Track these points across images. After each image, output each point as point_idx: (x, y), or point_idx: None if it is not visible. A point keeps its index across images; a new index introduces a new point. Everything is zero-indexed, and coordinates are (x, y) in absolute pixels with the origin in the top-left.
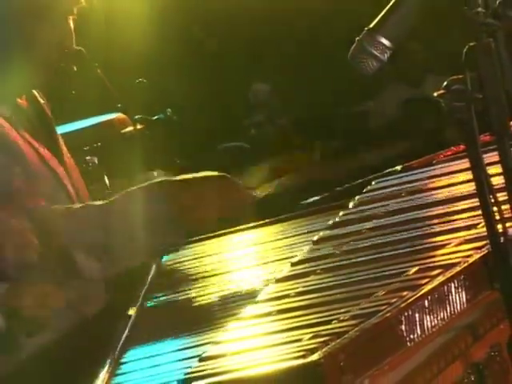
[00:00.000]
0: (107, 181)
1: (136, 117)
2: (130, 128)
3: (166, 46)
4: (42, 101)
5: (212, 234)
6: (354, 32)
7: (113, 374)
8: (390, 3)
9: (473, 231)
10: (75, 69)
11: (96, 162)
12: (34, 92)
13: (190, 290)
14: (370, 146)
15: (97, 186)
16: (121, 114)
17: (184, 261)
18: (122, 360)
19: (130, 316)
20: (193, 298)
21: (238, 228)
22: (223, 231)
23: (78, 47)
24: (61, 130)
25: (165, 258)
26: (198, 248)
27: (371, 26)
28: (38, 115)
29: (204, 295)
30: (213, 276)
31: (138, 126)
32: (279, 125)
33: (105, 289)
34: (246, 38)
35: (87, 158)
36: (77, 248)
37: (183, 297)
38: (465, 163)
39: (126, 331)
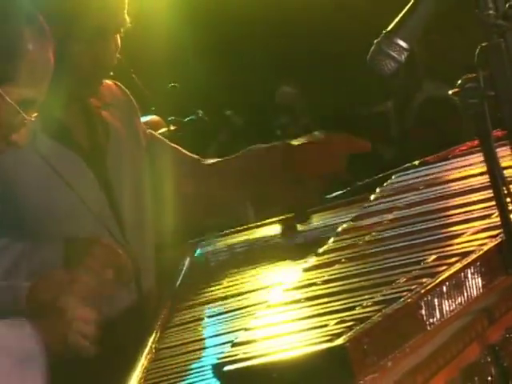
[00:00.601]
0: None
1: (169, 118)
2: (164, 129)
3: (197, 49)
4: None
5: (242, 228)
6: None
7: (152, 360)
8: (406, 8)
9: (487, 221)
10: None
11: None
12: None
13: (222, 279)
14: (390, 143)
15: None
16: (155, 116)
17: (216, 253)
18: (161, 346)
19: (167, 304)
20: (225, 287)
21: (266, 221)
22: (252, 224)
23: None
24: None
25: (198, 251)
26: (229, 240)
27: (388, 28)
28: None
29: (235, 284)
30: (243, 266)
31: (172, 127)
32: (304, 126)
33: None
34: (274, 41)
35: None
36: None
37: (216, 286)
38: (479, 157)
39: (163, 319)
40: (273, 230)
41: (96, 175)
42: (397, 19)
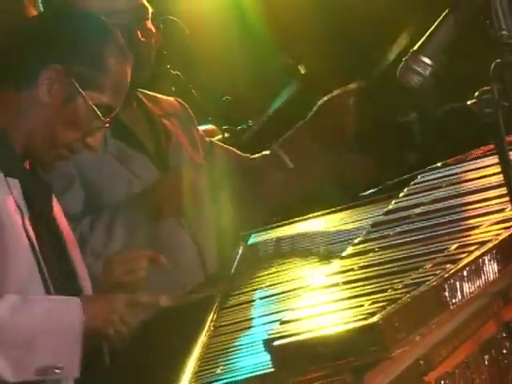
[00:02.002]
0: None
1: (223, 127)
2: (219, 136)
3: (247, 64)
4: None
5: (287, 222)
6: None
7: (211, 336)
8: (430, 30)
9: (502, 214)
10: (173, 89)
11: None
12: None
13: (270, 267)
14: (414, 149)
15: None
16: (211, 125)
17: (265, 243)
18: (218, 324)
19: (223, 287)
20: (273, 273)
21: (308, 216)
22: (296, 219)
23: (175, 72)
24: None
25: (250, 241)
26: (276, 232)
27: (415, 48)
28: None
29: (282, 271)
30: (289, 255)
31: (226, 135)
32: None
33: None
34: (318, 57)
35: None
36: None
37: (265, 273)
38: (494, 159)
39: (220, 301)
40: (314, 223)
41: (160, 171)
42: (422, 39)
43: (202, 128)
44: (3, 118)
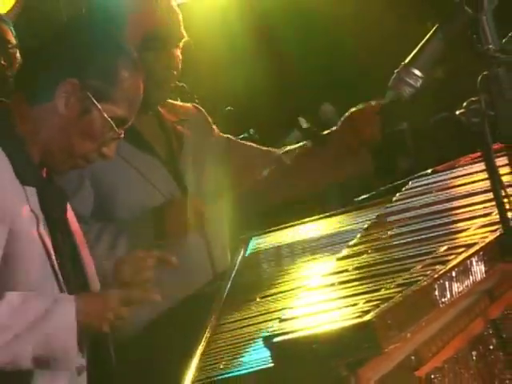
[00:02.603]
0: None
1: (226, 136)
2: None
3: (251, 76)
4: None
5: (286, 225)
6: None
7: (214, 333)
8: (420, 44)
9: (488, 218)
10: (179, 100)
11: None
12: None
13: (269, 268)
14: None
15: None
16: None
17: (265, 246)
18: (220, 322)
19: (225, 288)
20: (272, 274)
21: (306, 220)
22: (294, 222)
23: (180, 84)
24: None
25: (251, 243)
26: (275, 235)
27: (406, 61)
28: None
29: (282, 271)
30: (288, 257)
31: None
32: None
33: None
34: (317, 67)
35: None
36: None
37: (266, 272)
38: (481, 166)
39: (223, 299)
40: (312, 227)
41: (170, 173)
42: (413, 53)
43: None
44: (21, 128)
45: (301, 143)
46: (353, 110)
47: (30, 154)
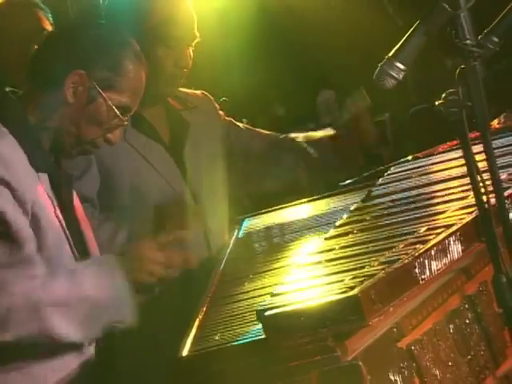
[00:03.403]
0: None
1: None
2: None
3: (245, 70)
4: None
5: (276, 207)
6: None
7: (209, 308)
8: (403, 38)
9: (464, 201)
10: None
11: None
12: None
13: (261, 246)
14: (387, 145)
15: None
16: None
17: (257, 226)
18: (216, 296)
19: (220, 265)
20: (264, 252)
21: (295, 202)
22: (284, 205)
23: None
24: None
25: (244, 223)
26: (266, 217)
27: (390, 54)
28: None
29: (273, 249)
30: (279, 236)
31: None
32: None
33: None
34: (315, 57)
35: None
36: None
37: (258, 251)
38: (457, 153)
39: (219, 275)
40: (301, 209)
41: (175, 160)
42: (396, 47)
43: None
44: (33, 116)
45: (320, 132)
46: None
47: (40, 141)
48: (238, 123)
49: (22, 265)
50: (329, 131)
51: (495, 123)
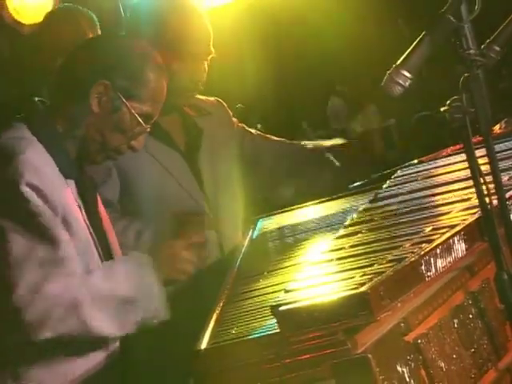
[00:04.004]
0: None
1: None
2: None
3: (261, 80)
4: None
5: (289, 208)
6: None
7: (226, 304)
8: (410, 48)
9: (468, 202)
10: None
11: None
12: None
13: (275, 245)
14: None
15: None
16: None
17: (271, 226)
18: (233, 293)
19: (236, 264)
20: (278, 250)
21: (307, 203)
22: (297, 206)
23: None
24: None
25: (259, 223)
26: (280, 217)
27: (397, 63)
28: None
29: (287, 248)
30: (291, 236)
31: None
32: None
33: None
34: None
35: None
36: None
37: (273, 249)
38: (462, 156)
39: (234, 273)
40: (312, 210)
41: (190, 166)
42: (403, 56)
43: None
44: (60, 126)
45: (339, 140)
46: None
47: (67, 149)
48: (251, 130)
49: (60, 263)
50: (338, 140)
51: (497, 128)
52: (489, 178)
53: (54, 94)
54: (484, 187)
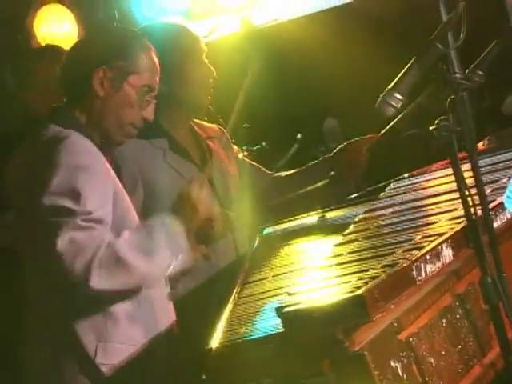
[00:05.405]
0: None
1: (243, 147)
2: (240, 155)
3: (263, 103)
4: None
5: (292, 218)
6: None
7: (236, 305)
8: (401, 72)
9: (454, 212)
10: (206, 119)
11: None
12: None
13: (280, 252)
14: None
15: None
16: (235, 146)
17: (276, 233)
18: (241, 296)
19: (243, 269)
20: (282, 257)
21: (310, 213)
22: (299, 215)
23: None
24: None
25: (264, 232)
26: (284, 226)
27: (390, 86)
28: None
29: (290, 253)
30: (295, 243)
31: (245, 153)
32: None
33: None
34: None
35: None
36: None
37: (278, 255)
38: (448, 171)
39: (242, 277)
40: (313, 219)
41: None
42: (395, 80)
43: None
44: (82, 119)
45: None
46: (347, 142)
47: (93, 138)
48: (246, 160)
49: (98, 225)
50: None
51: (481, 145)
52: (473, 190)
53: (66, 93)
54: (469, 198)
